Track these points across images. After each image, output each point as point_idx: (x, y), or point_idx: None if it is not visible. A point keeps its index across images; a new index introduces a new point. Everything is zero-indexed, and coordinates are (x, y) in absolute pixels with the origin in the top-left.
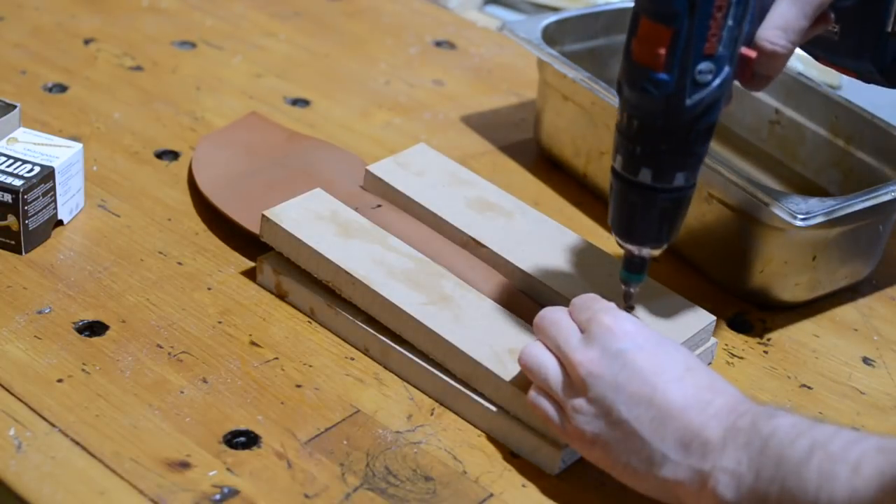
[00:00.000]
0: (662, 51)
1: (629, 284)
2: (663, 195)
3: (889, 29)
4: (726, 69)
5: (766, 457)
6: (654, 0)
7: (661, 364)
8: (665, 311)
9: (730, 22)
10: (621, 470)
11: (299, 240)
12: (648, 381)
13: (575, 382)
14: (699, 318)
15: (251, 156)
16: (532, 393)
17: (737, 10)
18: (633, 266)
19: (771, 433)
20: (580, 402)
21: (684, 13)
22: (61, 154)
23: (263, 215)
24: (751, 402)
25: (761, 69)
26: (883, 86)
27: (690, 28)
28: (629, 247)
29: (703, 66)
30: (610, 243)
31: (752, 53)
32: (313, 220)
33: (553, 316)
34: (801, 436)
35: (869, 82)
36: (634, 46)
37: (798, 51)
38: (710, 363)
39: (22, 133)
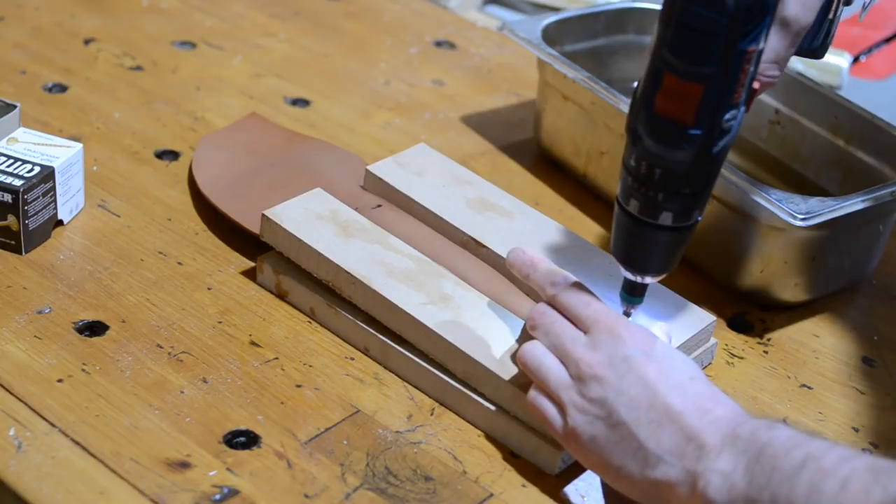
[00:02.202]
0: (693, 107)
1: (630, 306)
2: (681, 232)
3: (831, 16)
4: (742, 109)
5: (761, 465)
6: (686, 60)
7: (665, 372)
8: (665, 311)
9: (752, 69)
10: (615, 473)
11: (299, 239)
12: (650, 385)
13: (578, 382)
14: (699, 318)
15: (251, 156)
16: (532, 392)
17: (759, 56)
18: (635, 290)
19: (767, 442)
20: (581, 402)
21: (718, 72)
22: (61, 154)
23: (263, 215)
24: (751, 415)
25: (757, 95)
26: (810, 58)
27: (722, 84)
28: (636, 276)
29: (729, 114)
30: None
31: (756, 85)
32: (313, 220)
33: (552, 315)
34: (796, 447)
35: (795, 55)
36: (659, 101)
37: None
38: (710, 363)
39: (22, 133)
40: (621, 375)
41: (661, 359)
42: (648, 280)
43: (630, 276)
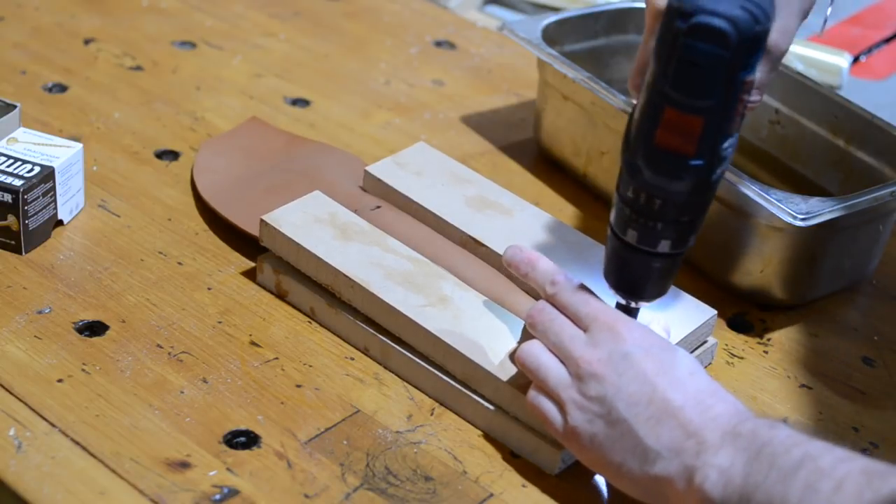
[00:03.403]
0: (695, 139)
1: None
2: (676, 258)
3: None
4: (736, 135)
5: (759, 462)
6: (687, 94)
7: (664, 368)
8: (667, 306)
9: (748, 97)
10: (615, 471)
11: (298, 244)
12: (650, 381)
13: (577, 380)
14: (700, 312)
15: (252, 160)
16: (531, 392)
17: (752, 85)
18: (629, 314)
19: (768, 441)
20: (581, 400)
21: (718, 103)
22: (61, 154)
23: (262, 220)
24: (751, 412)
25: None
26: None
27: (722, 114)
28: (629, 302)
29: (727, 142)
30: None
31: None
32: (312, 224)
33: (551, 313)
34: (795, 446)
35: None
36: (660, 135)
37: (798, 51)
38: (710, 363)
39: (22, 133)
40: (621, 372)
41: (660, 355)
42: (642, 305)
43: (623, 302)
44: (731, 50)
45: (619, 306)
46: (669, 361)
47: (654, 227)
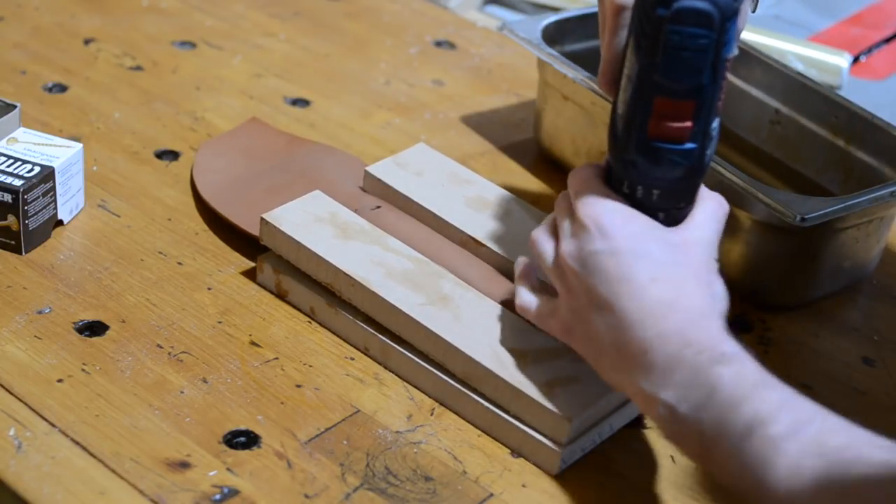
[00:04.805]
0: (689, 124)
1: None
2: None
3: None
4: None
5: (708, 409)
6: (677, 80)
7: (628, 272)
8: None
9: (728, 74)
10: (593, 364)
11: (298, 242)
12: (612, 289)
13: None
14: None
15: (252, 160)
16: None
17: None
18: None
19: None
20: (562, 293)
21: (708, 84)
22: (61, 154)
23: (262, 219)
24: (707, 327)
25: None
26: None
27: (710, 95)
28: None
29: (715, 122)
30: None
31: None
32: (312, 223)
33: (560, 204)
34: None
35: None
36: (652, 125)
37: (798, 51)
38: None
39: (22, 133)
40: (588, 272)
41: (626, 255)
42: None
43: None
44: (715, 30)
45: None
46: (634, 265)
47: (656, 218)
